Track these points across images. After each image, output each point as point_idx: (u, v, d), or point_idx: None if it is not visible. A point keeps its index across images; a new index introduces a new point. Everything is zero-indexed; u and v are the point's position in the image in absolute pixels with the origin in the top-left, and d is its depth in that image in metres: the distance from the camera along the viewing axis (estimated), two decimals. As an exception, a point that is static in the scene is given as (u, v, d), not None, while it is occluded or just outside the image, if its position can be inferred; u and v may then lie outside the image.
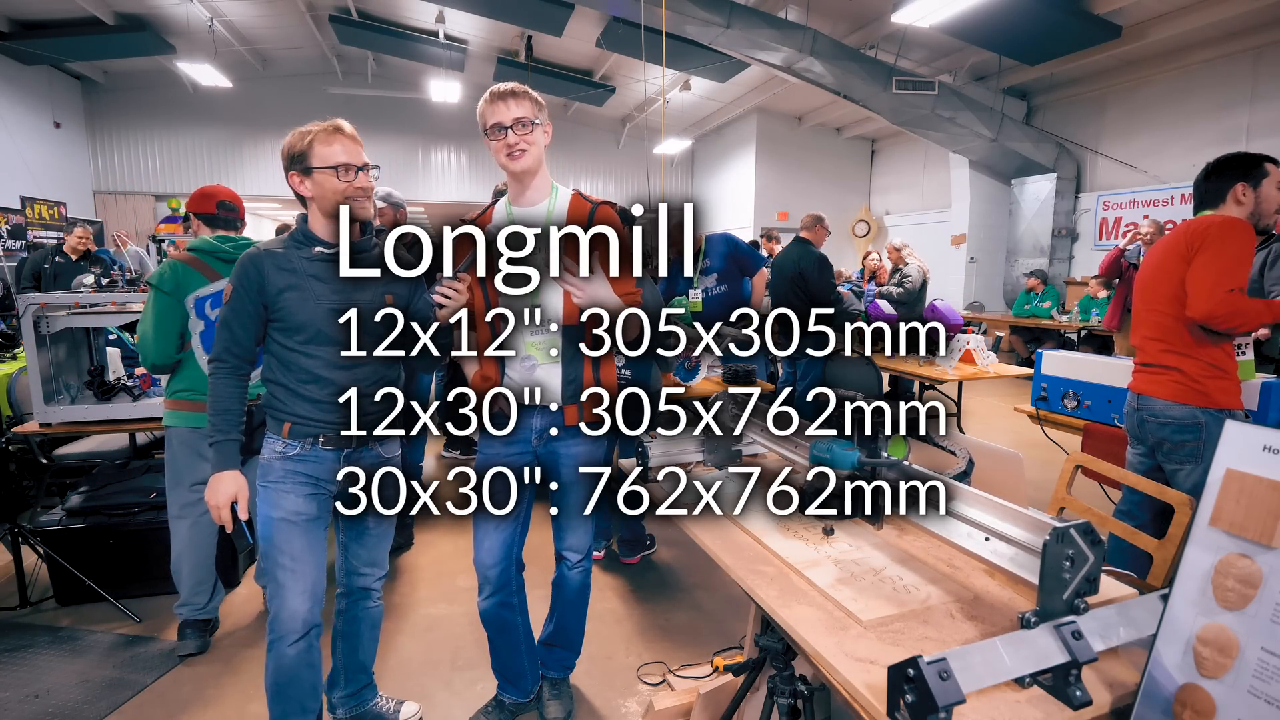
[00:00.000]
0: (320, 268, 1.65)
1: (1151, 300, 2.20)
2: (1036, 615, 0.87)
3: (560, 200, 1.77)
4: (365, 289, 1.68)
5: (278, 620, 1.67)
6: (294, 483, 1.67)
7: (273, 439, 1.69)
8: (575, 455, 1.80)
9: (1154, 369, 2.19)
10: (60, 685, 2.19)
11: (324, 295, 1.64)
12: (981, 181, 9.19)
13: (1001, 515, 0.98)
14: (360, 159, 1.65)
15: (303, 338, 1.64)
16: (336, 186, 1.62)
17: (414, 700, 2.07)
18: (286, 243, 1.68)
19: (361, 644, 1.94)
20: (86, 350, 2.86)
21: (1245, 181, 2.10)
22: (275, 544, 1.66)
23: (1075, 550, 0.88)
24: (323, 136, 1.62)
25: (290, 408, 1.67)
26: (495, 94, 1.69)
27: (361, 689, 1.98)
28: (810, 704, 1.27)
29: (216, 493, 1.62)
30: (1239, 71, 6.81)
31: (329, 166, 1.62)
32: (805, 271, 4.34)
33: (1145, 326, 2.23)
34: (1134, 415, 2.27)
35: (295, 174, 1.64)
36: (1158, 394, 2.16)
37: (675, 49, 8.01)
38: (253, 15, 9.24)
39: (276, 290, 1.62)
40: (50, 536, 2.63)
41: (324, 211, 1.66)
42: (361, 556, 1.86)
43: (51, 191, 9.95)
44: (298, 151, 1.62)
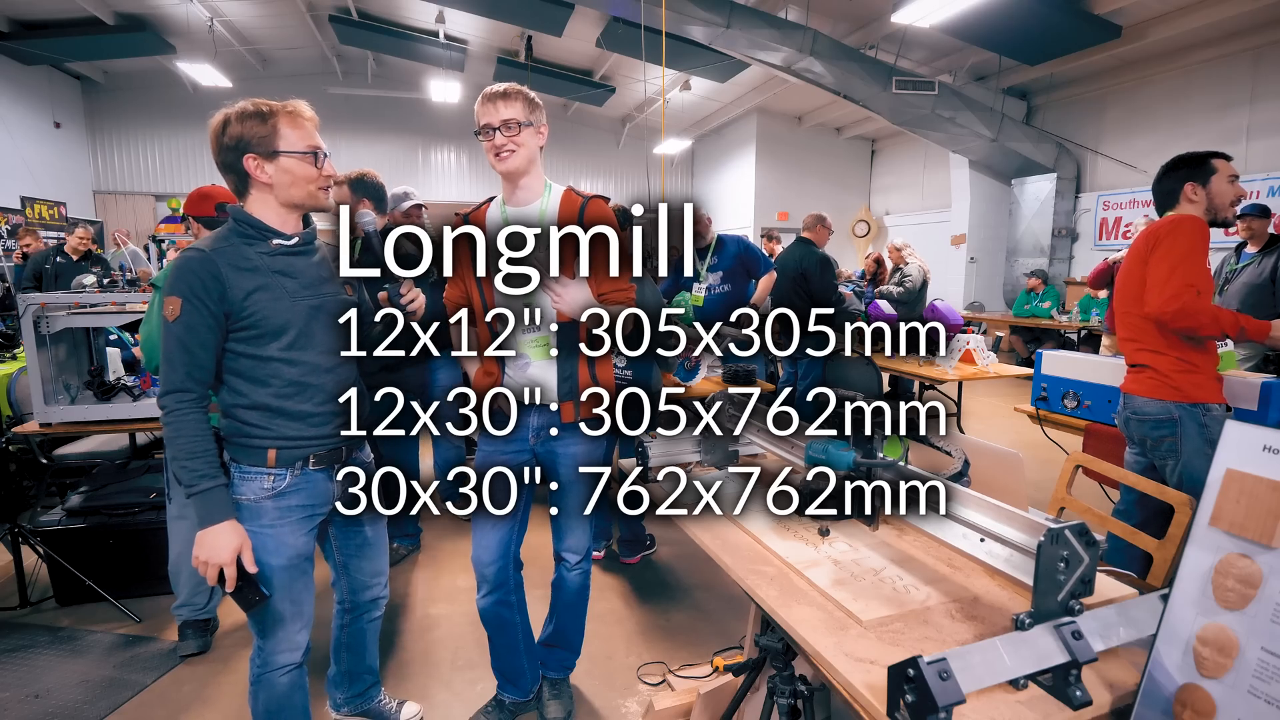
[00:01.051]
0: (283, 262, 1.48)
1: (1124, 302, 2.25)
2: (1031, 617, 0.87)
3: (552, 199, 1.78)
4: (329, 281, 1.56)
5: (272, 653, 1.56)
6: (292, 521, 1.52)
7: (254, 475, 1.48)
8: (574, 455, 1.81)
9: (1134, 368, 2.25)
10: (60, 685, 2.19)
11: (297, 292, 1.48)
12: (981, 181, 9.19)
13: (996, 516, 0.98)
14: (323, 144, 1.51)
15: (283, 343, 1.46)
16: (310, 174, 1.47)
17: (414, 700, 2.07)
18: (229, 238, 1.45)
19: (368, 650, 1.94)
20: (86, 350, 2.86)
21: (1193, 180, 2.17)
22: (278, 593, 1.52)
23: (1070, 551, 0.87)
24: (289, 118, 1.44)
25: (273, 430, 1.47)
26: (487, 95, 1.69)
27: (368, 688, 1.98)
28: (810, 704, 1.27)
29: (216, 550, 1.36)
30: (1239, 71, 6.80)
31: (302, 151, 1.45)
32: (808, 272, 4.34)
33: (1123, 328, 2.28)
34: (1121, 415, 2.32)
35: (254, 157, 1.43)
36: (1137, 391, 2.21)
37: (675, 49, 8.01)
38: (253, 15, 9.23)
39: (243, 293, 1.40)
40: (50, 536, 2.63)
41: (284, 201, 1.48)
42: (365, 570, 1.82)
43: (51, 191, 9.96)
44: (258, 133, 1.42)
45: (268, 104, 1.45)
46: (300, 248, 1.52)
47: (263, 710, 1.60)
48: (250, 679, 1.60)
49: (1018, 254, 8.98)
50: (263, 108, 1.44)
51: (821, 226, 4.54)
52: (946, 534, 1.04)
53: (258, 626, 1.55)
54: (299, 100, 1.50)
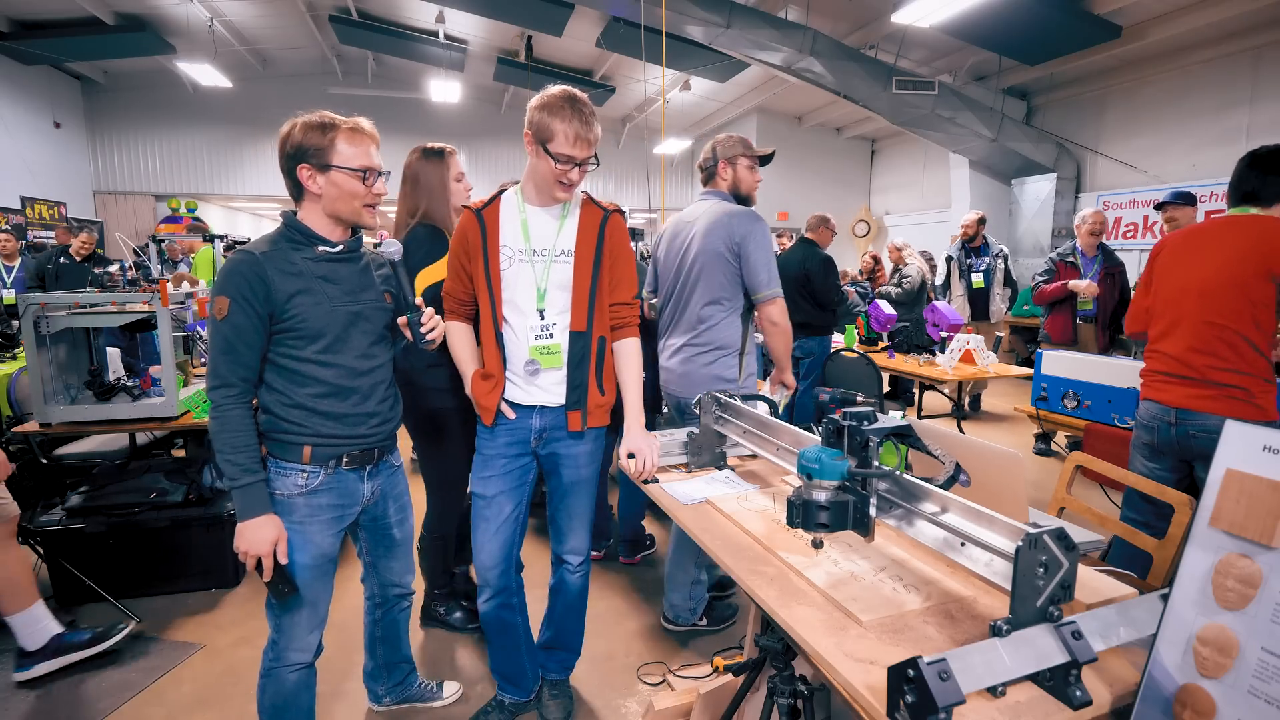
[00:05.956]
0: (327, 268, 1.53)
1: (1208, 312, 2.03)
2: (1008, 624, 0.86)
3: (574, 203, 1.76)
4: (370, 289, 1.61)
5: (285, 648, 1.59)
6: (321, 520, 1.56)
7: (289, 471, 1.53)
8: (574, 457, 1.80)
9: (1203, 385, 2.05)
10: (60, 685, 2.19)
11: (338, 298, 1.52)
12: (981, 181, 9.18)
13: (977, 520, 0.96)
14: (379, 163, 1.54)
15: (319, 346, 1.50)
16: (357, 190, 1.50)
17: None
18: (278, 243, 1.51)
19: (402, 641, 1.99)
20: (86, 350, 2.86)
21: None
22: (302, 591, 1.55)
23: (1049, 557, 0.87)
24: (349, 134, 1.48)
25: (310, 427, 1.52)
26: (583, 117, 1.58)
27: (406, 675, 2.05)
28: (810, 704, 1.27)
29: (256, 542, 1.43)
30: (1239, 71, 6.80)
31: (353, 169, 1.49)
32: (810, 272, 4.34)
33: (1195, 338, 2.05)
34: (1171, 429, 2.12)
35: (308, 168, 1.48)
36: (1215, 410, 2.04)
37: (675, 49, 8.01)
38: (253, 15, 9.23)
39: (286, 296, 1.46)
40: (50, 536, 2.63)
41: (330, 213, 1.52)
42: (394, 569, 1.86)
43: (51, 191, 9.96)
44: (316, 145, 1.47)
45: (332, 118, 1.50)
46: (345, 255, 1.56)
47: (269, 705, 1.64)
48: (261, 671, 1.63)
49: (1018, 254, 8.96)
50: (326, 120, 1.48)
51: (825, 228, 4.54)
52: (927, 537, 1.03)
53: (275, 622, 1.59)
54: (364, 119, 1.53)
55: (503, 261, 1.71)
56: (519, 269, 1.71)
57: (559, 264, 1.72)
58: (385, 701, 2.05)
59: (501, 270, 1.71)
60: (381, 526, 1.77)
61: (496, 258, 1.71)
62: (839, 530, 1.07)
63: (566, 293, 1.72)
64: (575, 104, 1.59)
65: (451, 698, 2.10)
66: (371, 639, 1.96)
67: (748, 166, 2.41)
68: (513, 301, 1.72)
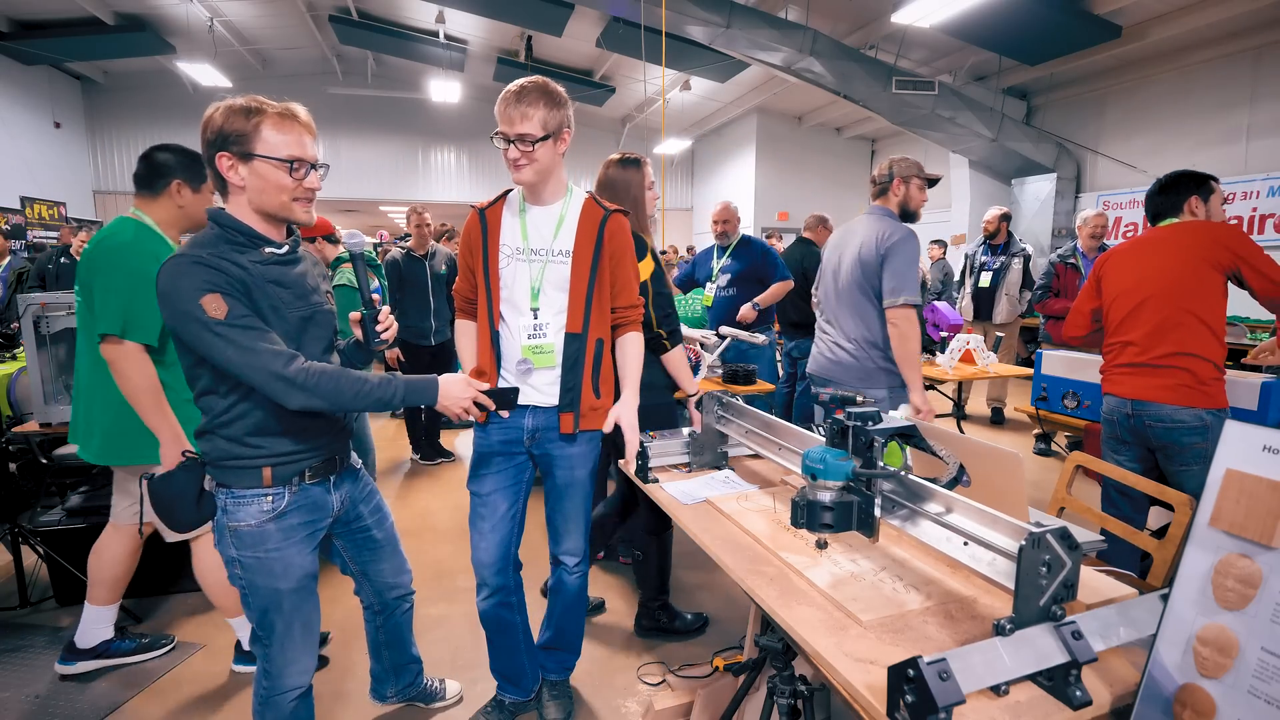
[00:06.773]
0: (277, 271, 1.40)
1: (1159, 303, 2.18)
2: (1012, 623, 0.86)
3: (573, 204, 1.76)
4: (316, 291, 1.52)
5: (282, 675, 1.52)
6: (296, 541, 1.46)
7: (250, 499, 1.40)
8: (568, 458, 1.80)
9: (1148, 370, 2.21)
10: (60, 685, 2.19)
11: (290, 303, 1.41)
12: (981, 181, 9.19)
13: (980, 519, 0.97)
14: (313, 154, 1.39)
15: None
16: (284, 183, 1.35)
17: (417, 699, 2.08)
18: (218, 245, 1.33)
19: (408, 642, 1.97)
20: (86, 350, 2.86)
21: (1198, 195, 2.24)
22: (288, 617, 1.48)
23: (1052, 556, 0.87)
24: (276, 120, 1.33)
25: (267, 447, 1.40)
26: (506, 97, 1.59)
27: (415, 675, 2.03)
28: (810, 704, 1.27)
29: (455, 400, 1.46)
30: (1239, 71, 6.80)
31: (278, 158, 1.33)
32: (809, 272, 4.34)
33: (1144, 328, 2.21)
34: (1128, 420, 2.28)
35: (229, 156, 1.32)
36: (1165, 399, 2.17)
37: (675, 49, 8.02)
38: (253, 15, 9.24)
39: (253, 301, 1.35)
40: (50, 536, 2.63)
41: (256, 207, 1.37)
42: (386, 571, 1.81)
43: (51, 191, 9.97)
44: (238, 130, 1.30)
45: (259, 101, 1.34)
46: (289, 257, 1.45)
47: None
48: (257, 699, 1.55)
49: (1018, 254, 8.98)
50: (253, 104, 1.33)
51: (823, 227, 4.55)
52: (930, 536, 1.03)
53: (263, 652, 1.51)
54: (297, 105, 1.40)
55: (501, 260, 1.72)
56: (516, 268, 1.72)
57: (556, 264, 1.72)
58: (391, 700, 2.03)
59: (500, 269, 1.72)
60: (359, 531, 1.70)
61: (496, 256, 1.72)
62: (843, 531, 1.07)
63: (563, 293, 1.72)
64: (514, 88, 1.60)
65: (454, 697, 2.10)
66: (376, 645, 1.92)
67: (919, 186, 2.57)
68: (510, 300, 1.73)
